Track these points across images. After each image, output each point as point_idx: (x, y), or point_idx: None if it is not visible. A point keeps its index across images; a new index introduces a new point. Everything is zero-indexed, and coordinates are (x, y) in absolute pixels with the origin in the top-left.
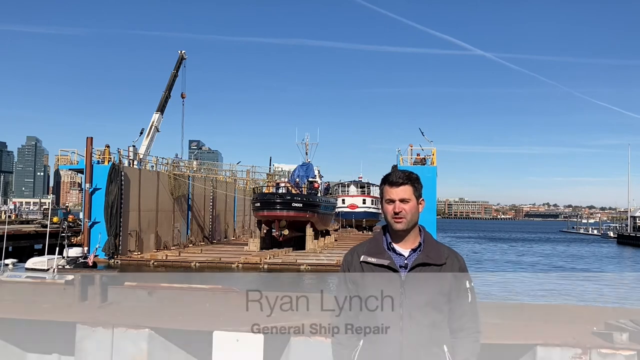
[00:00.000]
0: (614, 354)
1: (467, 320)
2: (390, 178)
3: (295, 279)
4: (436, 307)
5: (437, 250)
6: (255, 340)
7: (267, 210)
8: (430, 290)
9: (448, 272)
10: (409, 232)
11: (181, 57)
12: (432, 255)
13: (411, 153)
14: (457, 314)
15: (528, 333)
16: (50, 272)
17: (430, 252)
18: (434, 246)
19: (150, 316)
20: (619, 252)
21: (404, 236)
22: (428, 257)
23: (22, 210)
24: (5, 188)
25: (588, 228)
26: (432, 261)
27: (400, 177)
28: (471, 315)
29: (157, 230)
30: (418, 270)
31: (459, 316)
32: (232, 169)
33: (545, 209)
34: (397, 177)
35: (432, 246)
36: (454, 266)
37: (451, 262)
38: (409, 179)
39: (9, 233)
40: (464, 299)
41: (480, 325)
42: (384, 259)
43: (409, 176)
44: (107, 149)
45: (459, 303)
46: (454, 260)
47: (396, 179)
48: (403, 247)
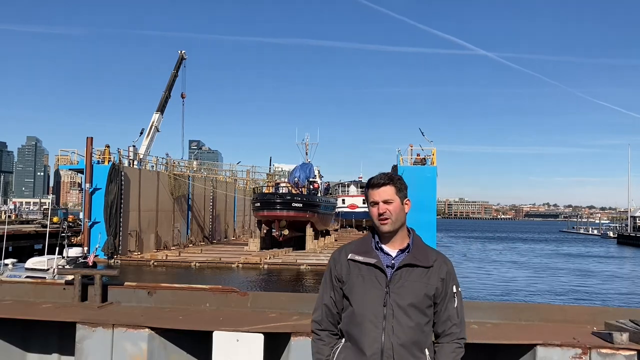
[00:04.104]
0: (614, 354)
1: (452, 326)
2: (371, 180)
3: (295, 279)
4: (420, 309)
5: (425, 252)
6: (255, 340)
7: (267, 210)
8: (415, 291)
9: (435, 275)
10: (396, 232)
11: (181, 57)
12: (420, 257)
13: (411, 153)
14: (442, 318)
15: (528, 333)
16: (50, 272)
17: (418, 254)
18: (422, 249)
19: (150, 316)
20: (619, 252)
21: (391, 237)
22: (415, 258)
23: (22, 210)
24: (5, 188)
25: (588, 228)
26: (420, 263)
27: (382, 178)
28: (456, 321)
29: (157, 230)
30: (404, 270)
31: (444, 321)
32: (232, 169)
33: (545, 209)
34: (378, 178)
35: (420, 248)
36: (442, 270)
37: (439, 265)
38: (390, 179)
39: (9, 233)
40: (450, 303)
41: (466, 331)
42: (371, 257)
43: (390, 177)
44: (107, 149)
45: (445, 307)
46: (441, 264)
47: (377, 181)
48: (391, 247)
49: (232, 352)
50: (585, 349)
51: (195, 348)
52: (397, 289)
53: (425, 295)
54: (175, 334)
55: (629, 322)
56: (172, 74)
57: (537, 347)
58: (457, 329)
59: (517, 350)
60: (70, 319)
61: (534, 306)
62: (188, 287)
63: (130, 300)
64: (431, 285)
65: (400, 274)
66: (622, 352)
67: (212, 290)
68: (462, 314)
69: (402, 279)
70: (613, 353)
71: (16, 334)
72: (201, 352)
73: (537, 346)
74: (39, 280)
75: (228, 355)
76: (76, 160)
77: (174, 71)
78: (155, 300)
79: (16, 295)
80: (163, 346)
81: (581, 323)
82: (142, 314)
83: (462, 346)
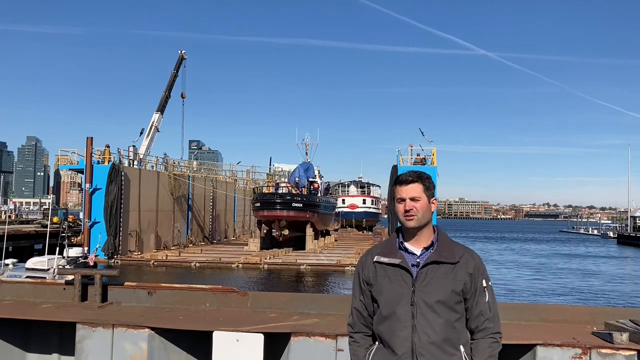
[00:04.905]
0: (614, 354)
1: (485, 321)
2: (400, 177)
3: (295, 279)
4: (449, 306)
5: (451, 248)
6: (255, 340)
7: (267, 210)
8: (442, 288)
9: (462, 271)
10: (420, 230)
11: (181, 57)
12: (445, 253)
13: (411, 153)
14: (475, 314)
15: (528, 333)
16: (51, 272)
17: (443, 250)
18: (448, 245)
19: (150, 316)
20: (619, 252)
21: (415, 234)
22: (441, 255)
23: (22, 210)
24: (5, 188)
25: (588, 228)
26: (445, 259)
27: (410, 175)
28: (489, 315)
29: (157, 230)
30: (430, 268)
31: (476, 316)
32: (232, 169)
33: (545, 209)
34: (407, 175)
35: (446, 245)
36: (469, 265)
37: (465, 260)
38: (419, 177)
39: (9, 233)
40: (481, 298)
41: (500, 326)
42: (396, 258)
43: (419, 175)
44: (107, 149)
45: (476, 303)
46: (468, 259)
47: (406, 178)
48: (415, 245)
49: (232, 352)
50: (585, 349)
51: (195, 348)
52: (423, 287)
53: (452, 291)
54: (175, 334)
55: (629, 322)
56: (172, 74)
57: (537, 347)
58: (490, 324)
59: (517, 350)
60: (70, 319)
61: (534, 306)
62: (188, 287)
63: (130, 300)
64: (458, 281)
65: (425, 271)
66: (622, 352)
67: (212, 290)
68: (494, 308)
69: (428, 276)
70: (613, 353)
71: (16, 334)
72: (201, 352)
73: (537, 346)
74: (39, 280)
75: (228, 355)
76: (76, 161)
77: (174, 71)
78: (155, 300)
79: (16, 295)
80: (163, 346)
81: (581, 323)
82: (142, 314)
83: (498, 341)
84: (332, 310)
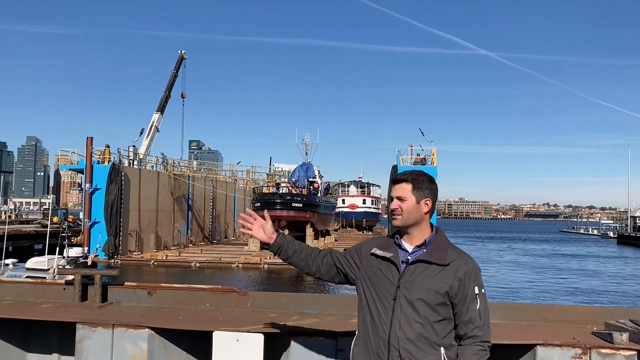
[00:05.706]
0: (614, 354)
1: (475, 328)
2: (394, 176)
3: (295, 279)
4: (430, 306)
5: (444, 251)
6: (255, 340)
7: (267, 210)
8: (426, 287)
9: (450, 274)
10: (409, 228)
11: (181, 57)
12: (436, 254)
13: (411, 153)
14: (464, 320)
15: (528, 333)
16: (51, 272)
17: (435, 251)
18: (442, 247)
19: (150, 316)
20: (619, 252)
21: (405, 233)
22: (431, 255)
23: (22, 210)
24: (5, 188)
25: (588, 228)
26: (434, 260)
27: (403, 175)
28: (479, 323)
29: (157, 230)
30: (418, 266)
31: (466, 323)
32: (232, 169)
33: (545, 209)
34: (400, 175)
35: (440, 246)
36: (460, 270)
37: (457, 265)
38: (410, 176)
39: (9, 233)
40: (472, 305)
41: (490, 335)
42: (389, 252)
43: (411, 174)
44: (107, 149)
45: (466, 309)
46: (460, 264)
47: (397, 177)
48: (409, 243)
49: (232, 352)
50: (585, 349)
51: (195, 348)
52: (406, 284)
53: (435, 292)
54: (175, 334)
55: (629, 322)
56: (172, 74)
57: (537, 347)
58: (480, 332)
59: (517, 350)
60: (70, 319)
61: (534, 306)
62: (188, 287)
63: (130, 300)
64: (444, 283)
65: (412, 269)
66: (622, 352)
67: (212, 290)
68: (485, 317)
69: (414, 274)
70: (613, 353)
71: (16, 334)
72: (201, 352)
73: (537, 346)
74: (39, 280)
75: (228, 356)
76: (76, 160)
77: (174, 71)
78: (155, 300)
79: (16, 295)
80: (163, 346)
81: (581, 323)
82: (142, 314)
83: (486, 349)
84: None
